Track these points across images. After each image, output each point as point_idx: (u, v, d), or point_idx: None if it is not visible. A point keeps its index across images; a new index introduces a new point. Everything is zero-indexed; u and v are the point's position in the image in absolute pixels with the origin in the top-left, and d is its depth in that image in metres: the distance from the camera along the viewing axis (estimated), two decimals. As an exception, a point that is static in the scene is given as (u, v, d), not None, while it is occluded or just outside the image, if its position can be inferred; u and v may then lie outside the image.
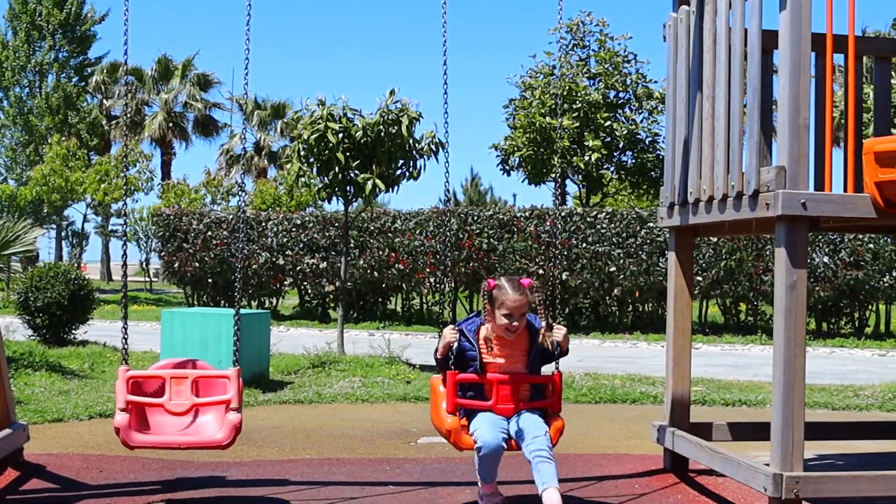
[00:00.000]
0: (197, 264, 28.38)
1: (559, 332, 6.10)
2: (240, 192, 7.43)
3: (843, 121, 6.76)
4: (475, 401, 6.03)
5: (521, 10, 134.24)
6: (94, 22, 54.56)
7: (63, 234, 57.21)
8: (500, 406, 5.94)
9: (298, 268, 27.36)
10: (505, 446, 5.79)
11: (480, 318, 6.21)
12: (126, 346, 6.46)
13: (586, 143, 30.73)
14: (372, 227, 26.47)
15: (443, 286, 25.87)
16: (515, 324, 5.97)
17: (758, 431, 7.43)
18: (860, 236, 22.29)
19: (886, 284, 22.72)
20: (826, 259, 22.82)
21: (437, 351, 6.10)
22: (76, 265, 39.41)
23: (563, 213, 24.85)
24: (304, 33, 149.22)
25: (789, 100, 5.75)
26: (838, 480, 5.99)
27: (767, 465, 5.92)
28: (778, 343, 5.83)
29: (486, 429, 5.79)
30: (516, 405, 5.97)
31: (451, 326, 6.08)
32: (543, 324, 6.15)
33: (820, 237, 22.53)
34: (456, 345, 6.02)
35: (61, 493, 6.61)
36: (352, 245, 25.98)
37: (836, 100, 17.87)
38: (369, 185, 14.33)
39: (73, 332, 16.92)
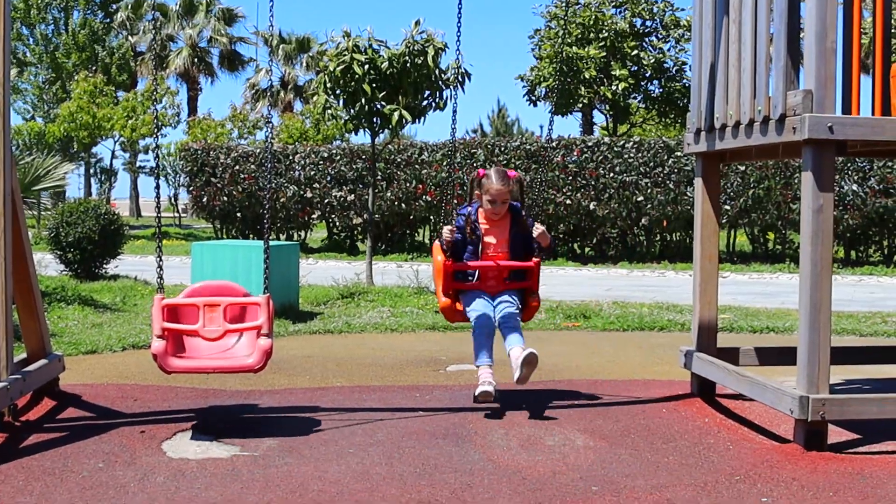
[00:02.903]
0: (225, 198, 28.45)
1: (536, 230, 7.18)
2: (267, 126, 7.49)
3: (871, 47, 6.70)
4: (466, 283, 7.30)
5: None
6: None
7: (92, 170, 57.33)
8: (488, 285, 7.23)
9: (326, 200, 27.39)
10: (493, 317, 7.05)
11: (477, 203, 7.37)
12: (161, 275, 6.57)
13: (613, 73, 30.57)
14: (399, 159, 26.44)
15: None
16: (497, 208, 7.20)
17: (784, 356, 7.46)
18: (890, 164, 22.09)
19: (916, 211, 22.56)
20: (855, 187, 22.62)
21: (442, 244, 7.25)
22: (105, 201, 39.61)
23: (590, 143, 24.74)
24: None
25: (816, 23, 5.72)
26: (864, 403, 6.02)
27: (794, 388, 5.96)
28: (804, 267, 5.84)
29: (478, 304, 7.09)
30: (500, 285, 7.22)
31: (449, 227, 7.19)
32: (523, 213, 7.38)
33: (849, 164, 22.33)
34: (458, 235, 7.25)
35: (97, 421, 6.71)
36: (379, 177, 25.98)
37: (865, 26, 17.73)
38: (396, 116, 14.33)
39: (105, 266, 17.04)
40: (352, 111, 14.70)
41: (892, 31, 7.41)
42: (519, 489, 5.22)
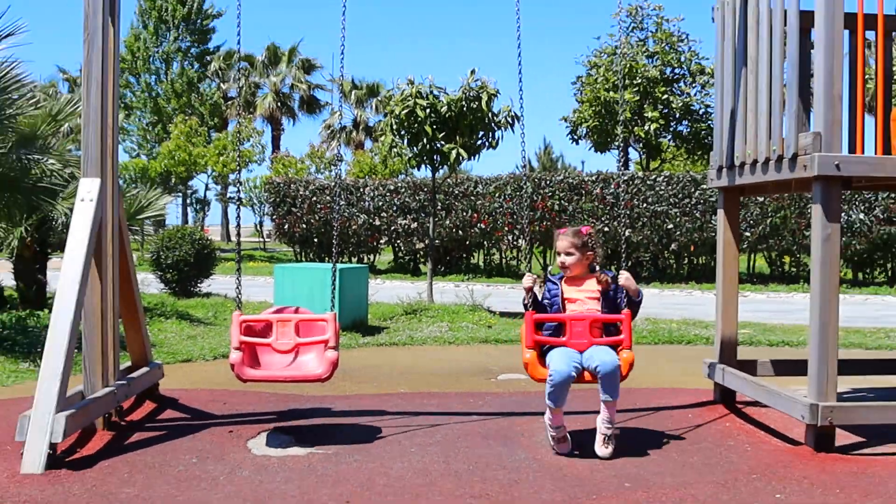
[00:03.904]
0: (304, 226, 28.63)
1: (622, 276, 6.09)
2: (339, 162, 7.51)
3: (874, 92, 6.66)
4: (551, 337, 6.07)
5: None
6: (213, 17, 54.85)
7: (188, 201, 57.88)
8: (574, 341, 5.96)
9: (392, 228, 27.51)
10: (574, 375, 5.80)
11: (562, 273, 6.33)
12: (240, 295, 6.65)
13: (646, 115, 30.45)
14: (456, 192, 26.50)
15: (519, 243, 25.86)
16: (560, 259, 6.18)
17: (797, 367, 7.39)
18: (893, 195, 21.87)
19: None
20: (861, 215, 22.43)
21: (523, 299, 6.17)
22: (200, 228, 39.99)
23: (625, 177, 24.68)
24: (394, 19, 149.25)
25: (824, 73, 5.71)
26: (868, 410, 6.00)
27: (805, 396, 5.93)
28: (814, 288, 5.82)
29: (559, 359, 5.83)
30: (588, 341, 5.97)
31: (528, 275, 6.11)
32: (597, 269, 6.26)
33: (856, 196, 22.15)
34: (537, 287, 6.11)
35: (192, 422, 6.79)
36: (439, 207, 26.05)
37: (869, 72, 17.56)
38: (453, 154, 14.37)
39: (199, 285, 17.24)
40: (415, 149, 14.75)
41: (893, 77, 7.38)
42: (560, 484, 5.23)
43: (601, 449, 5.84)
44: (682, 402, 7.58)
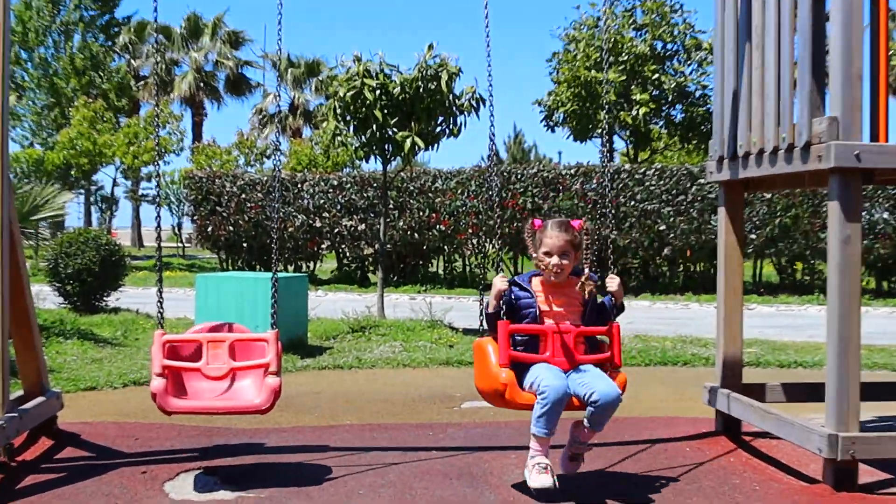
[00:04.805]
0: (231, 228, 28.52)
1: (612, 282, 5.99)
2: (275, 153, 7.45)
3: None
4: (530, 353, 5.84)
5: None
6: (121, -21, 54.64)
7: (92, 199, 57.45)
8: (557, 359, 5.77)
9: (336, 230, 27.47)
10: (570, 391, 5.64)
11: (534, 271, 6.11)
12: (161, 310, 6.52)
13: (634, 98, 30.64)
14: (412, 187, 26.52)
15: (486, 247, 25.88)
16: (556, 261, 5.88)
17: (813, 392, 7.41)
18: (922, 190, 22.08)
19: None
20: (886, 215, 22.59)
21: (487, 305, 5.94)
22: (106, 231, 39.74)
23: (610, 170, 24.78)
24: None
25: (841, 47, 5.75)
26: (896, 441, 6.00)
27: (823, 425, 5.96)
28: (832, 299, 5.85)
29: (549, 374, 5.63)
30: (573, 359, 5.80)
31: (501, 275, 5.95)
32: (586, 272, 5.99)
33: (879, 192, 22.29)
34: (508, 294, 5.88)
35: (97, 462, 6.73)
36: (391, 206, 26.01)
37: (893, 49, 17.71)
38: (408, 143, 14.38)
39: (105, 299, 17.11)
40: (363, 138, 14.77)
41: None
42: (536, 532, 5.24)
43: (569, 465, 5.95)
44: (679, 433, 7.60)
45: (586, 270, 6.02)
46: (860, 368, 5.88)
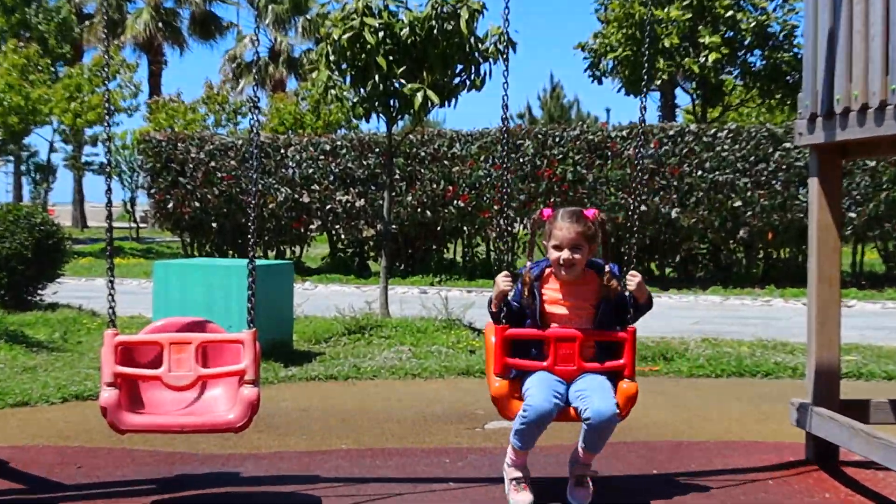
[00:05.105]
0: (197, 204, 28.53)
1: (632, 279, 6.20)
2: (252, 110, 7.43)
3: None
4: (528, 360, 6.23)
5: None
6: None
7: (24, 167, 57.68)
8: (559, 367, 6.13)
9: (328, 207, 27.46)
10: (555, 412, 5.97)
11: (547, 262, 6.42)
12: (113, 304, 6.49)
13: (701, 41, 30.55)
14: (423, 153, 26.51)
15: (514, 228, 25.87)
16: (566, 255, 6.19)
17: (930, 411, 7.41)
18: None
19: None
20: None
21: (490, 303, 6.30)
22: (41, 207, 39.83)
23: (671, 132, 24.72)
24: None
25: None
26: None
27: (943, 453, 5.93)
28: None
29: (538, 390, 6.01)
30: (578, 366, 6.14)
31: (504, 273, 6.22)
32: (607, 267, 6.33)
33: None
34: (511, 294, 6.19)
35: (30, 496, 6.73)
36: (397, 177, 25.99)
37: None
38: (419, 97, 14.33)
39: (40, 292, 17.13)
40: (362, 91, 14.72)
41: None
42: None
43: (575, 492, 6.15)
44: (759, 462, 7.58)
45: (607, 266, 6.31)
46: None
